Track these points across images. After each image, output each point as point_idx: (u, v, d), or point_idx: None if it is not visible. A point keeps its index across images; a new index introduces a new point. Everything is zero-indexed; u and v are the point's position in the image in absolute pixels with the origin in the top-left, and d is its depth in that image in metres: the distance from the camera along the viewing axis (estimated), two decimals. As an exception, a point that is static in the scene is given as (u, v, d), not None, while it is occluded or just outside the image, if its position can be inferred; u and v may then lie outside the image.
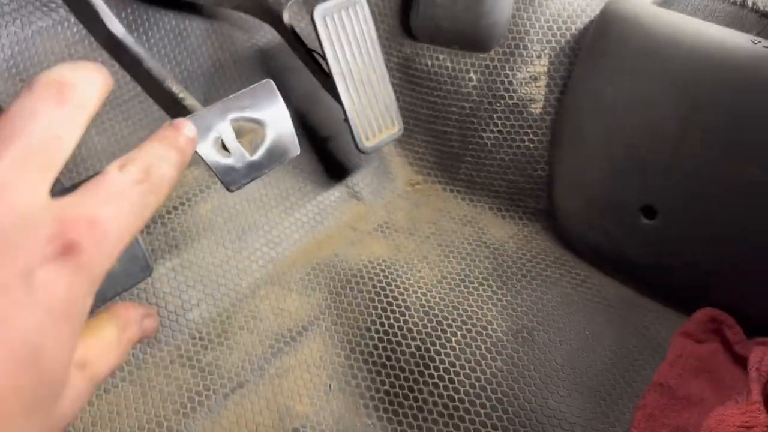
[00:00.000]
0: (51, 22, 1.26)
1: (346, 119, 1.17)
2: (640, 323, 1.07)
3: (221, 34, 1.36)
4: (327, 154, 1.33)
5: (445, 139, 1.32)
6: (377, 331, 1.08)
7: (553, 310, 1.08)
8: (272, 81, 0.92)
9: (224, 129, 0.86)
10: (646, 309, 1.09)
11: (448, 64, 1.27)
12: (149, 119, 1.25)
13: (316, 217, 1.26)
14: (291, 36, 1.21)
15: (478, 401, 0.97)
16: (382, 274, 1.16)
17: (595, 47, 1.10)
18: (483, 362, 1.01)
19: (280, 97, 0.92)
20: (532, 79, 1.20)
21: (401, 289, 1.13)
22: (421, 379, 1.01)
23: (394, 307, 1.10)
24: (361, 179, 1.34)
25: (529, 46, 1.20)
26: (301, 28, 1.24)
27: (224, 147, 0.86)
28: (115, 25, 0.91)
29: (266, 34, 1.40)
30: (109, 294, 0.62)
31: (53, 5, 1.27)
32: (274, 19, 1.21)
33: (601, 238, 1.13)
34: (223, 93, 1.31)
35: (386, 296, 1.12)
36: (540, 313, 1.07)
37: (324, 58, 1.14)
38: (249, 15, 1.26)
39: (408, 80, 1.34)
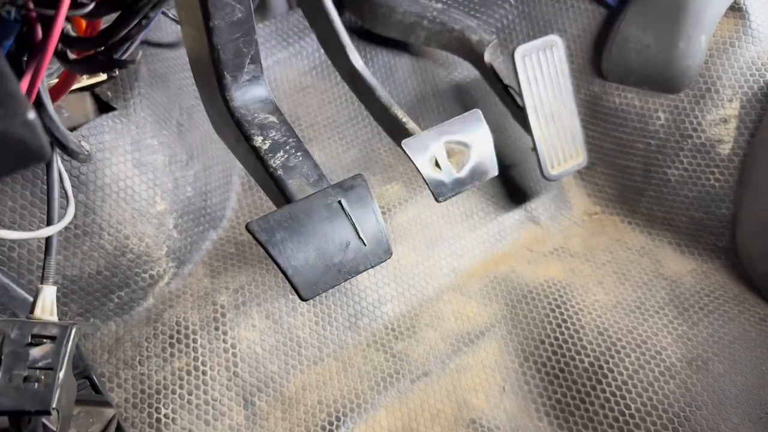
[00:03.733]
0: (287, 54, 1.52)
1: (535, 148, 1.28)
2: (826, 369, 1.06)
3: (425, 70, 1.55)
4: (509, 180, 1.45)
5: (628, 174, 1.39)
6: (551, 344, 1.17)
7: (730, 344, 1.10)
8: (480, 111, 1.07)
9: (438, 149, 1.02)
10: (831, 354, 1.07)
11: (636, 102, 1.35)
12: (359, 141, 1.46)
13: (496, 235, 1.38)
14: (489, 72, 1.35)
15: (648, 418, 1.02)
16: (557, 293, 1.24)
17: (793, 93, 1.13)
18: (656, 384, 1.06)
19: (485, 125, 1.06)
20: (721, 121, 1.24)
21: (576, 309, 1.21)
22: (593, 393, 1.08)
23: (569, 325, 1.18)
24: (540, 205, 1.44)
25: (721, 90, 1.25)
26: (497, 65, 1.39)
27: (437, 164, 1.03)
28: (357, 59, 1.11)
29: (462, 71, 1.56)
30: (360, 268, 0.78)
31: (290, 41, 1.53)
32: (475, 57, 1.37)
33: (787, 280, 1.13)
34: (423, 121, 1.49)
35: (561, 314, 1.20)
36: (716, 345, 1.10)
37: (519, 92, 1.27)
38: (452, 54, 1.43)
39: (594, 116, 1.43)
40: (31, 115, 0.38)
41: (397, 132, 1.09)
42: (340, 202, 0.79)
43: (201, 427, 1.05)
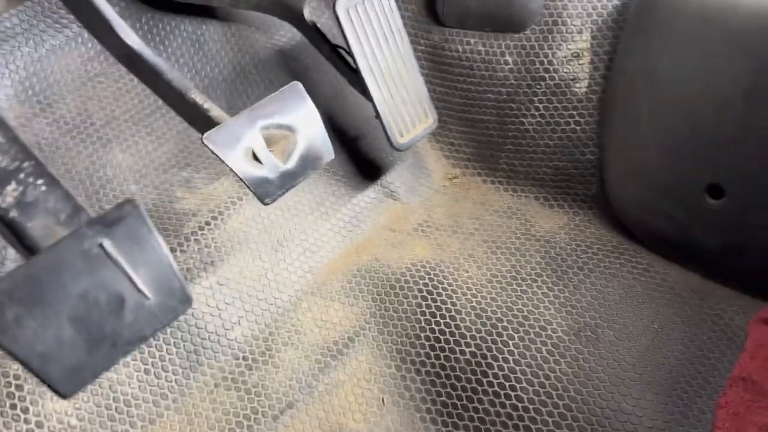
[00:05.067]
0: (64, 39, 1.22)
1: (378, 116, 1.12)
2: (711, 312, 0.99)
3: (240, 37, 1.31)
4: (358, 154, 1.28)
5: (482, 128, 1.25)
6: (428, 338, 1.02)
7: (616, 304, 1.01)
8: (299, 83, 0.87)
9: (254, 139, 0.81)
10: (717, 296, 1.01)
11: (481, 48, 1.21)
12: (173, 132, 1.21)
13: (353, 220, 1.21)
14: (313, 33, 1.15)
15: (544, 409, 0.90)
16: (427, 276, 1.10)
17: (643, 18, 1.02)
18: (546, 366, 0.94)
19: (309, 100, 0.86)
20: (573, 56, 1.13)
21: (449, 292, 1.07)
22: (479, 388, 0.95)
23: (444, 312, 1.04)
24: (396, 177, 1.28)
25: (569, 21, 1.13)
26: (323, 23, 1.19)
27: (255, 158, 0.81)
28: (130, 36, 0.87)
29: (286, 34, 1.34)
30: (147, 332, 0.57)
31: (65, 21, 1.23)
32: (294, 16, 1.16)
33: (663, 223, 1.05)
34: (246, 98, 1.26)
35: (434, 300, 1.06)
36: (602, 308, 1.00)
37: (350, 53, 1.09)
38: (268, 14, 1.21)
39: (438, 69, 1.28)
40: None
41: (200, 122, 0.87)
42: (101, 245, 0.56)
43: None
